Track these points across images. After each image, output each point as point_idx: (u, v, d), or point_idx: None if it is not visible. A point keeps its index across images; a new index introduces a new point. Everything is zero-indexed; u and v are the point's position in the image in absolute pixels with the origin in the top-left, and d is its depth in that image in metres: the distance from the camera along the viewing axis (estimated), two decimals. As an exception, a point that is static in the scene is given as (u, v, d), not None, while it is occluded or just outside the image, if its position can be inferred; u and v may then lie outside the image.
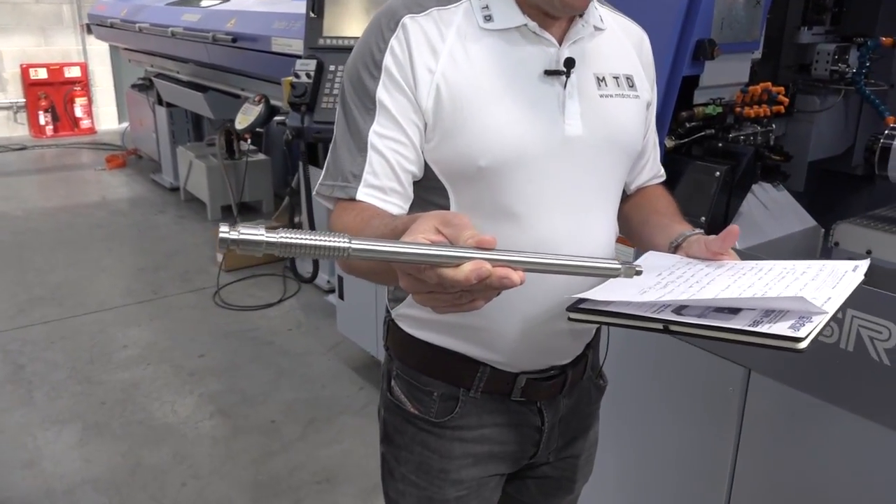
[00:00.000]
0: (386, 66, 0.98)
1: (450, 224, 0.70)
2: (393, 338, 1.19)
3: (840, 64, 2.11)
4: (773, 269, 0.91)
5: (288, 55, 3.42)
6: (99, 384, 3.13)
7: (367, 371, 3.20)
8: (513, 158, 0.99)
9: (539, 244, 1.02)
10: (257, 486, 2.49)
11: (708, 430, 1.77)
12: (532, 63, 1.02)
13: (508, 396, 1.14)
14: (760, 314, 0.78)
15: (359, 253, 0.65)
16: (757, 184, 1.90)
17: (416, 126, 0.99)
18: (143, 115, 6.39)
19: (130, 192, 6.07)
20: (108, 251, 4.72)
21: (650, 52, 1.19)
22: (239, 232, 0.61)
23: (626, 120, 1.09)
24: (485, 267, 0.66)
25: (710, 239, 0.99)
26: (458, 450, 1.14)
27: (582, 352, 1.19)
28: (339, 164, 1.00)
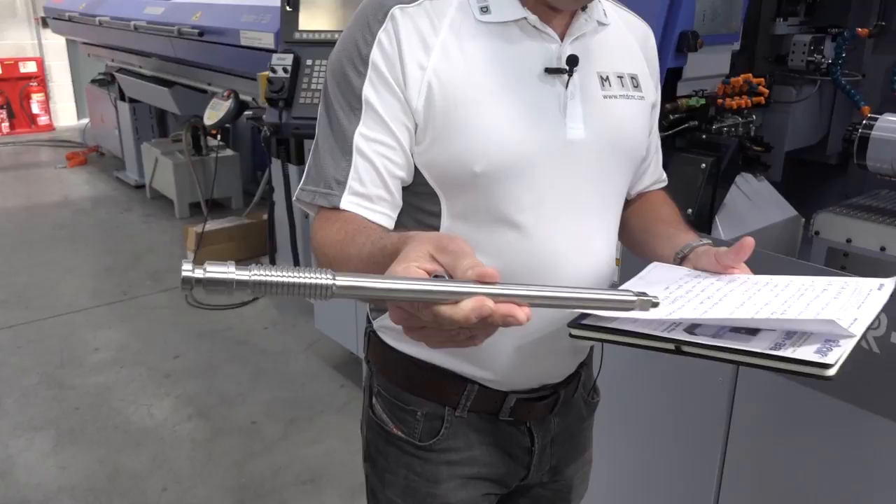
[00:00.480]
0: (373, 61, 0.91)
1: (446, 250, 0.63)
2: (374, 350, 1.12)
3: (815, 55, 2.14)
4: (790, 286, 0.84)
5: (258, 49, 3.36)
6: (71, 389, 3.05)
7: (347, 368, 3.17)
8: (511, 164, 0.92)
9: (538, 256, 0.96)
10: (240, 489, 2.46)
11: (697, 422, 1.78)
12: (531, 60, 0.94)
13: (496, 416, 1.07)
14: (781, 335, 0.72)
15: (344, 291, 0.57)
16: (739, 175, 1.92)
17: (405, 127, 0.91)
18: (105, 112, 6.23)
19: (93, 191, 5.92)
20: (74, 251, 4.60)
21: (655, 50, 1.12)
22: (205, 270, 0.54)
23: (631, 123, 1.02)
24: (487, 304, 0.59)
25: (721, 251, 0.92)
26: (445, 473, 1.07)
27: (575, 370, 1.12)
28: (321, 168, 0.93)
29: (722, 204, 1.83)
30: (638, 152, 1.06)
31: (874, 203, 1.93)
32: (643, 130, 1.06)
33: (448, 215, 0.96)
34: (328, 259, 0.87)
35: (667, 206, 1.17)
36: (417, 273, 0.61)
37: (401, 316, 0.63)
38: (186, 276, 0.53)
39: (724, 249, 0.92)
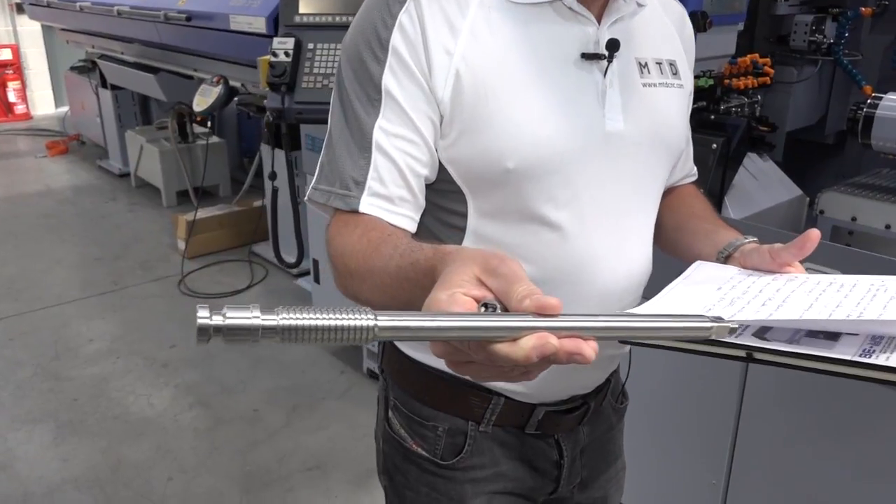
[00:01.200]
0: (394, 46, 0.82)
1: (495, 273, 0.55)
2: (389, 360, 1.04)
3: (817, 35, 2.15)
4: (857, 286, 0.77)
5: (248, 34, 3.31)
6: (68, 380, 3.01)
7: (346, 355, 3.17)
8: (546, 159, 0.84)
9: (573, 258, 0.89)
10: (246, 477, 2.45)
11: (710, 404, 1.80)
12: (567, 44, 0.86)
13: (522, 430, 1.00)
14: (867, 340, 0.65)
15: (387, 333, 0.50)
16: (746, 155, 1.93)
17: (429, 120, 0.83)
18: (85, 99, 6.12)
19: (76, 180, 5.82)
20: (61, 242, 4.53)
21: (692, 34, 1.04)
22: (224, 317, 0.46)
23: (671, 113, 0.95)
24: (550, 342, 0.51)
25: (778, 246, 0.84)
26: (470, 491, 1.00)
27: (605, 379, 1.06)
28: (336, 166, 0.85)
29: (731, 184, 1.84)
30: (678, 145, 0.98)
31: (878, 182, 1.95)
32: (683, 121, 0.99)
33: (475, 215, 0.89)
34: (349, 270, 0.80)
35: (700, 200, 1.10)
36: (464, 302, 0.54)
37: (446, 350, 0.55)
38: (203, 324, 0.46)
39: (779, 245, 0.84)
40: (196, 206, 4.21)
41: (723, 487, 1.84)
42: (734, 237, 0.93)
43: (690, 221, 1.04)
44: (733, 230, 0.97)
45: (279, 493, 2.37)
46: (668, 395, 1.88)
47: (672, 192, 1.10)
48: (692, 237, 1.01)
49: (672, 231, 1.05)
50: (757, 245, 0.89)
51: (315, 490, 2.38)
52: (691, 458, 1.88)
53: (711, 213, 1.07)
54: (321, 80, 2.14)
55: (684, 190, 1.13)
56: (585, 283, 0.90)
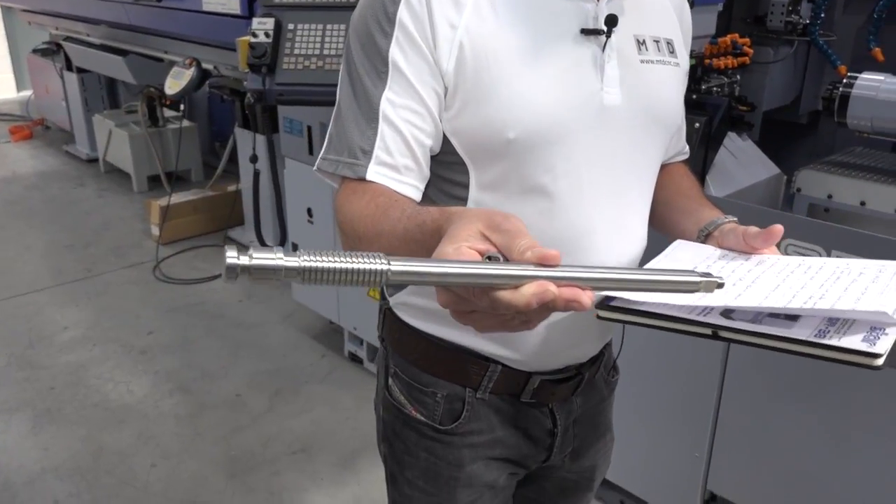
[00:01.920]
0: (400, 19, 0.85)
1: (499, 229, 0.59)
2: (390, 329, 1.07)
3: (793, 15, 2.18)
4: (824, 269, 0.82)
5: (222, 14, 3.25)
6: (44, 369, 2.96)
7: (327, 338, 3.16)
8: (546, 129, 0.87)
9: (571, 228, 0.92)
10: (231, 461, 2.44)
11: (693, 379, 1.84)
12: (567, 20, 0.89)
13: (518, 398, 1.03)
14: (824, 321, 0.70)
15: (399, 277, 0.54)
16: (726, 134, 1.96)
17: (434, 92, 0.86)
18: (50, 82, 5.97)
19: (43, 165, 5.69)
20: (29, 228, 4.44)
21: (689, 15, 1.06)
22: (251, 257, 0.50)
23: (667, 90, 0.97)
24: (550, 289, 0.55)
25: (749, 232, 0.88)
26: (468, 455, 1.03)
27: (599, 350, 1.09)
28: (344, 136, 0.88)
29: (712, 163, 1.87)
30: (673, 121, 1.01)
31: (852, 160, 2.00)
32: (678, 98, 1.01)
33: (476, 186, 0.92)
34: (357, 235, 0.83)
35: (688, 178, 1.13)
36: (469, 254, 0.57)
37: (450, 299, 0.59)
38: (231, 263, 0.49)
39: (752, 230, 0.88)
40: (169, 192, 4.15)
41: (705, 460, 1.88)
42: (716, 216, 0.97)
43: (678, 199, 1.07)
44: (716, 209, 1.01)
45: (265, 476, 2.37)
46: (653, 370, 1.92)
47: (663, 169, 1.12)
48: (679, 214, 1.04)
49: (661, 207, 1.08)
50: (735, 226, 0.92)
51: (301, 473, 2.39)
52: (675, 432, 1.92)
53: (698, 191, 1.10)
54: (302, 60, 2.12)
55: (674, 168, 1.15)
56: (582, 255, 0.93)
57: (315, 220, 2.85)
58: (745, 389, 1.78)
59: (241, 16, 3.10)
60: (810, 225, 1.61)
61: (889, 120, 1.76)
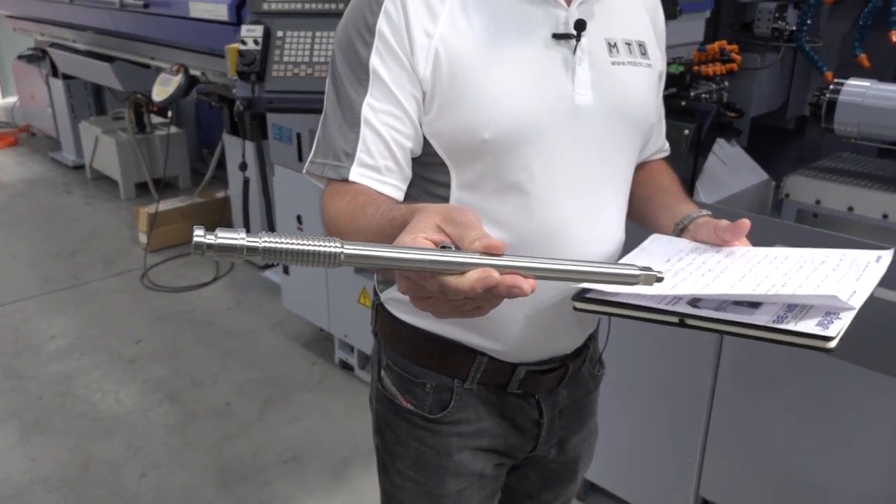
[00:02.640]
0: (380, 30, 0.90)
1: (454, 222, 0.63)
2: (382, 323, 1.11)
3: (780, 21, 2.20)
4: (789, 258, 0.85)
5: (209, 21, 3.24)
6: (31, 378, 2.93)
7: (318, 346, 3.15)
8: (519, 129, 0.91)
9: (546, 224, 0.96)
10: (221, 471, 2.43)
11: (684, 384, 1.85)
12: (538, 25, 0.93)
13: (505, 389, 1.07)
14: (783, 308, 0.74)
15: (351, 260, 0.58)
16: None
17: (412, 97, 0.92)
18: (35, 89, 5.92)
19: (28, 173, 5.65)
20: (16, 237, 4.40)
21: (663, 19, 1.11)
22: (216, 236, 0.55)
23: (639, 90, 1.01)
24: (492, 275, 0.59)
25: (720, 225, 0.92)
26: (455, 444, 1.07)
27: (583, 343, 1.13)
28: (329, 140, 0.94)
29: (702, 169, 1.88)
30: (646, 120, 1.04)
31: (840, 165, 2.01)
32: (651, 98, 1.04)
33: (457, 185, 0.96)
34: (338, 231, 0.87)
35: (667, 175, 1.17)
36: (424, 243, 0.61)
37: (408, 286, 0.64)
38: (198, 241, 0.55)
39: (723, 223, 0.92)
40: (157, 199, 4.13)
41: (697, 465, 1.89)
42: (691, 210, 1.02)
43: (656, 195, 1.11)
44: (692, 204, 1.06)
45: (256, 486, 2.36)
46: (644, 375, 1.92)
47: (643, 166, 1.17)
48: (656, 210, 1.09)
49: (640, 202, 1.12)
50: (708, 219, 0.97)
51: (292, 482, 2.37)
52: (667, 436, 1.93)
53: (677, 187, 1.14)
54: (291, 68, 2.12)
55: (654, 165, 1.20)
56: (557, 250, 0.96)
57: (305, 226, 2.84)
58: (737, 394, 1.78)
59: (229, 22, 3.09)
60: (798, 231, 1.63)
61: (875, 125, 1.78)
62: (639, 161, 1.16)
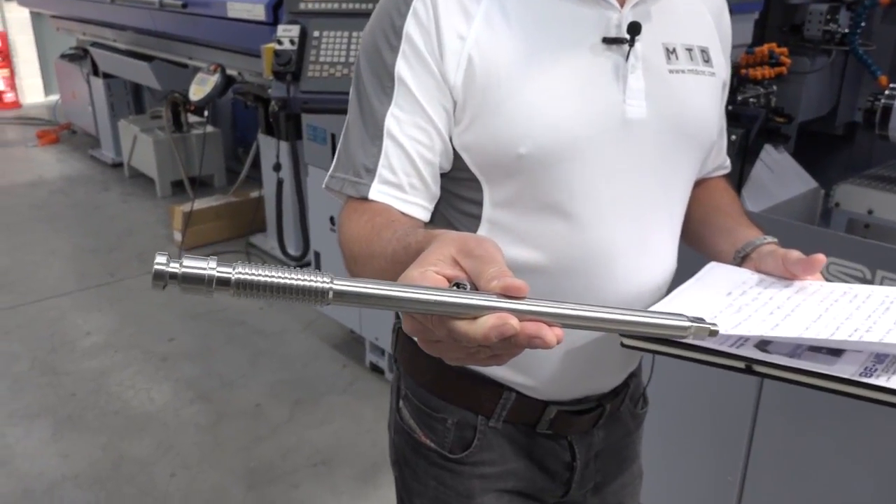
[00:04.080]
0: (407, 32, 0.82)
1: (471, 255, 0.55)
2: (402, 350, 1.03)
3: (831, 24, 2.12)
4: (871, 297, 0.76)
5: (247, 21, 3.25)
6: (66, 374, 2.96)
7: (348, 348, 3.13)
8: (561, 145, 0.82)
9: (590, 250, 0.87)
10: (251, 473, 2.42)
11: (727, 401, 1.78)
12: (587, 28, 0.84)
13: (534, 428, 0.98)
14: (870, 357, 0.64)
15: (343, 298, 0.51)
16: (762, 147, 1.91)
17: (441, 107, 0.83)
18: (76, 88, 6.03)
19: (68, 170, 5.74)
20: (54, 233, 4.46)
21: (729, 22, 0.99)
22: (181, 265, 0.47)
23: (700, 102, 0.90)
24: (509, 323, 0.50)
25: (790, 257, 0.82)
26: (478, 486, 0.99)
27: (623, 381, 1.03)
28: (350, 154, 0.86)
29: (748, 177, 1.81)
30: (708, 135, 0.93)
31: (893, 174, 1.93)
32: (713, 111, 0.94)
33: (490, 204, 0.87)
34: (353, 255, 0.80)
35: (728, 195, 1.07)
36: (435, 279, 0.53)
37: (414, 327, 0.55)
38: (159, 269, 0.46)
39: (794, 254, 0.82)
40: (192, 197, 4.15)
41: (738, 484, 1.82)
42: (754, 236, 0.92)
43: (715, 216, 1.01)
44: (755, 229, 0.95)
45: (284, 489, 2.34)
46: (684, 391, 1.86)
47: (701, 184, 1.06)
48: (714, 233, 0.99)
49: (697, 225, 1.02)
50: (774, 248, 0.87)
51: (321, 486, 2.35)
52: (707, 454, 1.86)
53: (738, 208, 1.04)
54: (327, 69, 2.10)
55: (713, 183, 1.09)
56: (602, 278, 0.88)
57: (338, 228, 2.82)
58: (782, 411, 1.71)
59: (266, 22, 3.09)
60: (853, 243, 1.55)
61: (934, 133, 1.70)
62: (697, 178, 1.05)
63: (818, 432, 1.65)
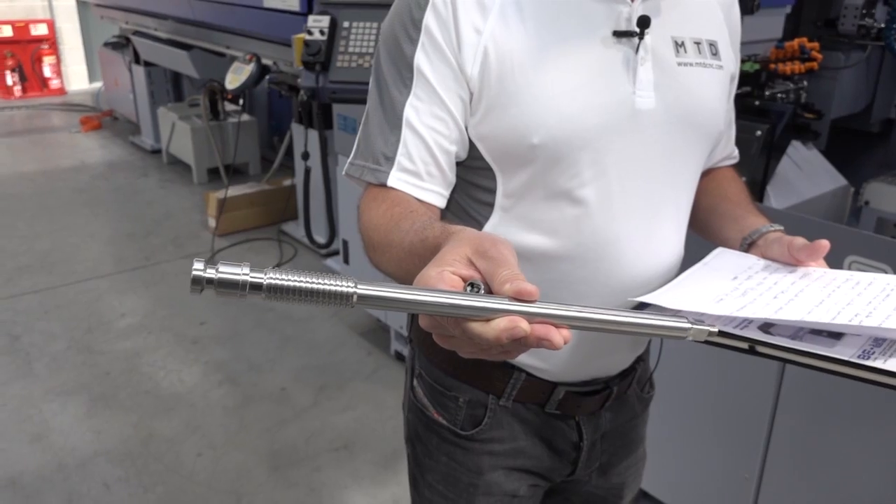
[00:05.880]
0: (426, 25, 0.85)
1: (486, 255, 0.58)
2: (417, 330, 1.06)
3: (867, 18, 2.08)
4: (873, 284, 0.78)
5: (282, 11, 3.29)
6: (101, 354, 3.05)
7: (374, 336, 3.17)
8: (572, 134, 0.85)
9: (599, 236, 0.90)
10: (274, 455, 2.47)
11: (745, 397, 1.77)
12: (598, 22, 0.86)
13: (542, 408, 1.01)
14: (869, 341, 0.67)
15: (366, 301, 0.54)
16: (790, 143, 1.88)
17: (458, 98, 0.86)
18: (119, 75, 6.17)
19: (109, 155, 5.88)
20: (94, 216, 4.59)
21: (739, 17, 1.01)
22: (217, 270, 0.50)
23: (708, 94, 0.93)
24: (520, 326, 0.54)
25: (795, 243, 0.85)
26: (487, 463, 1.02)
27: (631, 364, 1.06)
28: (370, 142, 0.89)
29: (774, 173, 1.79)
30: (715, 126, 0.96)
31: (926, 173, 1.89)
32: (721, 102, 0.96)
33: (503, 192, 0.91)
34: (373, 243, 0.83)
35: (735, 184, 1.09)
36: (451, 279, 0.57)
37: (431, 323, 0.59)
38: (197, 275, 0.50)
39: (799, 241, 0.85)
40: (227, 184, 4.23)
41: (755, 482, 1.81)
42: (761, 224, 0.94)
43: (722, 204, 1.04)
44: (762, 217, 0.98)
45: (306, 472, 2.39)
46: (702, 387, 1.85)
47: (709, 173, 1.10)
48: (722, 220, 1.01)
49: (704, 213, 1.05)
50: (780, 235, 0.89)
51: (342, 470, 2.39)
52: (725, 451, 1.85)
53: (745, 197, 1.06)
54: (356, 59, 2.12)
55: (721, 172, 1.12)
56: (610, 262, 0.91)
57: (365, 217, 2.85)
58: (802, 407, 1.70)
59: (301, 13, 3.13)
60: (875, 241, 1.53)
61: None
62: (705, 168, 1.08)
63: (839, 430, 1.64)
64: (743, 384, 1.77)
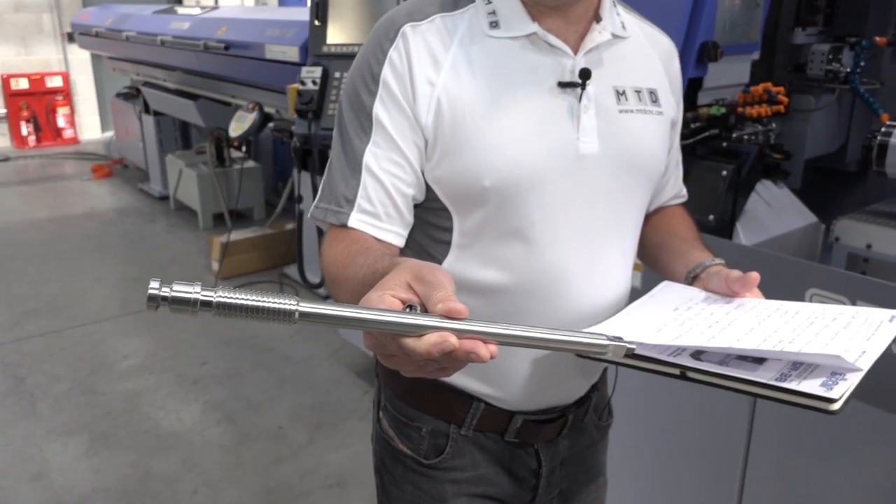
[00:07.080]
0: (384, 79, 0.92)
1: (423, 280, 0.64)
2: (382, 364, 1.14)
3: (834, 63, 2.17)
4: (800, 313, 0.84)
5: (283, 62, 3.44)
6: (102, 395, 3.12)
7: (370, 375, 3.22)
8: (521, 178, 0.91)
9: (548, 272, 0.96)
10: (269, 492, 2.51)
11: (716, 432, 1.81)
12: (543, 74, 0.94)
13: (502, 436, 1.06)
14: (787, 366, 0.72)
15: (308, 318, 0.59)
16: (759, 182, 1.95)
17: (414, 145, 0.93)
18: (129, 124, 6.35)
19: (119, 202, 6.03)
20: (102, 261, 4.70)
21: (678, 67, 1.09)
22: (171, 289, 0.56)
23: (647, 138, 1.00)
24: (449, 341, 0.60)
25: (731, 276, 0.91)
26: (450, 491, 1.07)
27: (586, 393, 1.11)
28: (333, 186, 0.95)
29: (743, 210, 1.86)
30: (655, 169, 1.03)
31: (894, 209, 1.95)
32: (661, 146, 1.03)
33: (459, 231, 0.97)
34: (331, 278, 0.89)
35: (683, 221, 1.16)
36: (391, 302, 0.62)
37: (373, 343, 0.65)
38: (153, 293, 0.55)
39: (734, 273, 0.92)
40: (230, 229, 4.34)
41: (735, 511, 1.83)
42: (704, 258, 1.00)
43: (670, 241, 1.10)
44: (706, 251, 1.04)
45: (300, 508, 2.43)
46: (676, 420, 1.89)
47: (658, 211, 1.17)
48: (669, 256, 1.08)
49: (654, 249, 1.12)
50: (720, 268, 0.96)
51: (335, 507, 2.43)
52: (700, 486, 1.88)
53: (692, 233, 1.13)
54: (346, 107, 2.23)
55: (670, 211, 1.19)
56: (559, 296, 0.97)
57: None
58: (775, 445, 1.73)
59: (300, 63, 3.27)
60: (833, 274, 1.59)
61: (928, 169, 1.73)
62: (655, 206, 1.17)
63: (815, 463, 1.67)
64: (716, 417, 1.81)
